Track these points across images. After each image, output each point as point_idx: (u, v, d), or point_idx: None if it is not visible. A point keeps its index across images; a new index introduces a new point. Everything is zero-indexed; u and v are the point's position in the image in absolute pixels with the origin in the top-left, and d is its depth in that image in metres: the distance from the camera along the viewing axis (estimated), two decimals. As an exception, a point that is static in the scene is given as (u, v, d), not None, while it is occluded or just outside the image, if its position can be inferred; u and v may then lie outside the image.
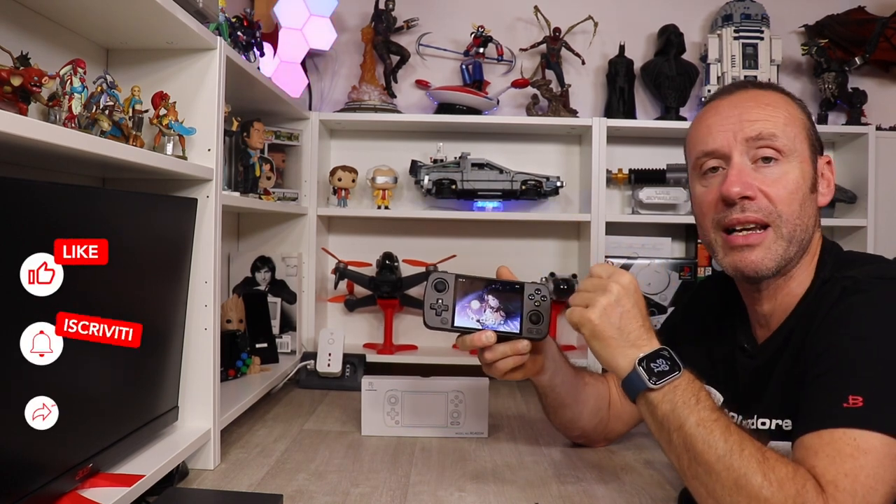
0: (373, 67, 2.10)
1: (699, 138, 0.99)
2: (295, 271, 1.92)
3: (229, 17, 1.36)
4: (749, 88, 0.99)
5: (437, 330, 1.02)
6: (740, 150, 0.93)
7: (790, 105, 0.97)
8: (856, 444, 0.74)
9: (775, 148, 0.93)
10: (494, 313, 1.02)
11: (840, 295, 0.87)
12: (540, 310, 1.02)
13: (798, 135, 0.95)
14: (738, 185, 0.91)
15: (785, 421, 0.92)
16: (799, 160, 0.94)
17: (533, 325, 1.02)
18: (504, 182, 1.98)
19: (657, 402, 0.85)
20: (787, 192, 0.92)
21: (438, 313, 1.02)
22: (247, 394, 1.44)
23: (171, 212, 1.11)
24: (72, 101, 0.86)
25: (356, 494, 1.08)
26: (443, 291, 1.02)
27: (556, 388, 1.16)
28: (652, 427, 0.88)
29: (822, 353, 0.83)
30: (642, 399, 0.87)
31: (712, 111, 0.99)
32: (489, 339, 1.00)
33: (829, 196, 0.98)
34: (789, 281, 0.96)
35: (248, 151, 1.49)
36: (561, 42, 2.10)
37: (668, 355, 0.87)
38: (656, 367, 0.86)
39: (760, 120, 0.93)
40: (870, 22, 2.10)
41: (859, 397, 0.76)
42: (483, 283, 1.03)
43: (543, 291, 1.03)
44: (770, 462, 0.76)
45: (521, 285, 1.03)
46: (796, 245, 0.93)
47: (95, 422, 0.92)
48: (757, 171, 0.93)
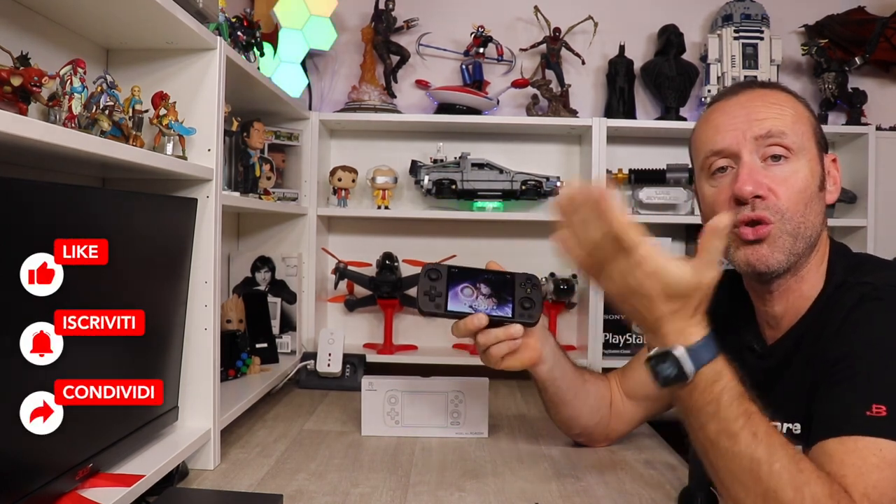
0: (373, 67, 2.10)
1: (707, 138, 0.98)
2: (295, 271, 1.92)
3: (229, 17, 1.36)
4: (755, 88, 0.99)
5: (431, 315, 1.05)
6: (750, 149, 0.93)
7: (797, 104, 0.97)
8: (882, 455, 0.73)
9: (784, 146, 0.92)
10: (487, 300, 1.06)
11: (858, 301, 0.86)
12: (531, 296, 1.06)
13: (806, 132, 0.95)
14: (750, 184, 0.91)
15: (795, 424, 0.91)
16: (808, 158, 0.93)
17: (524, 310, 1.06)
18: (504, 182, 1.98)
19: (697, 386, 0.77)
20: (795, 191, 0.91)
21: (432, 298, 1.05)
22: (247, 394, 1.44)
23: (171, 212, 1.11)
24: (72, 101, 0.86)
25: (356, 494, 1.08)
26: (436, 280, 1.06)
27: (556, 381, 1.17)
28: (684, 412, 0.80)
29: (841, 359, 0.82)
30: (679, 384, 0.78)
31: (719, 111, 0.98)
32: (481, 322, 1.03)
33: (836, 194, 0.98)
34: (801, 283, 0.95)
35: (248, 151, 1.49)
36: (561, 42, 2.10)
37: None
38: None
39: (769, 118, 0.93)
40: (870, 22, 2.10)
41: (882, 406, 0.75)
42: (475, 273, 1.07)
43: (534, 280, 1.08)
44: (805, 474, 0.71)
45: (512, 275, 1.08)
46: (803, 241, 0.92)
47: (95, 422, 0.91)
48: (766, 169, 0.93)
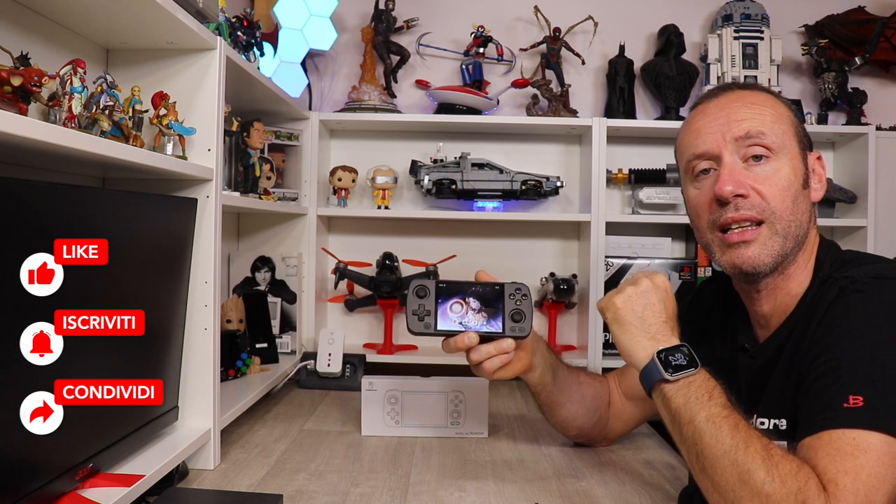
0: (373, 67, 2.10)
1: (689, 142, 1.00)
2: (295, 271, 1.92)
3: (229, 17, 1.36)
4: (734, 90, 1.00)
5: (421, 335, 1.02)
6: (730, 150, 0.94)
7: (776, 104, 0.98)
8: (856, 444, 0.74)
9: (764, 145, 0.94)
10: (476, 315, 1.03)
11: (837, 295, 0.87)
12: (521, 308, 1.04)
13: (786, 132, 0.96)
14: (730, 184, 0.92)
15: (781, 420, 0.92)
16: (789, 157, 0.95)
17: (515, 324, 1.03)
18: (504, 182, 1.98)
19: (671, 395, 0.87)
20: (779, 189, 0.93)
21: (421, 318, 1.02)
22: (247, 394, 1.44)
23: (171, 212, 1.11)
24: (72, 101, 0.86)
25: (356, 494, 1.08)
26: (424, 297, 1.03)
27: (548, 385, 1.17)
28: (665, 419, 0.90)
29: (821, 353, 0.83)
30: (657, 391, 0.90)
31: (700, 114, 1.00)
32: (472, 341, 1.02)
33: (822, 191, 0.99)
34: (788, 281, 0.96)
35: (248, 151, 1.49)
36: (561, 42, 2.10)
37: (686, 351, 0.90)
38: (674, 361, 0.89)
39: (748, 119, 0.95)
40: (870, 22, 2.10)
41: (860, 397, 0.76)
42: (463, 287, 1.04)
43: (524, 290, 1.05)
44: (774, 458, 0.76)
45: (501, 286, 1.05)
46: (792, 240, 0.93)
47: (95, 422, 0.92)
48: (748, 169, 0.94)
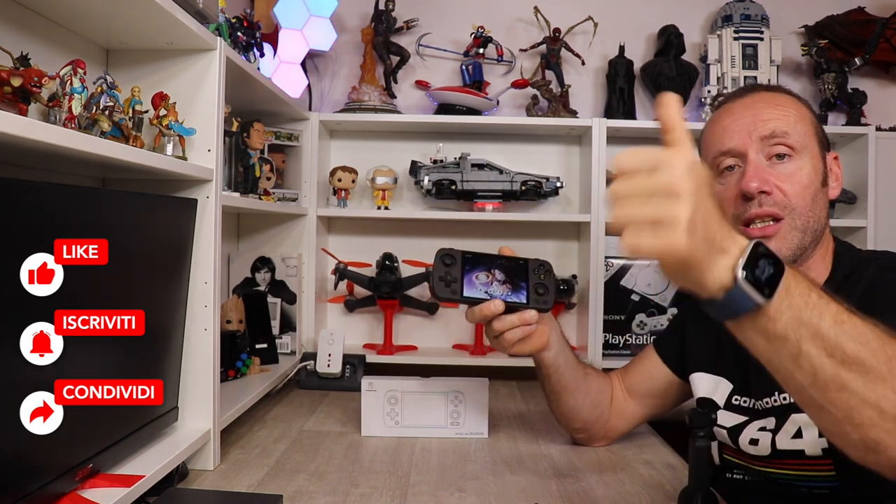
0: (373, 68, 2.09)
1: (715, 139, 1.05)
2: (295, 272, 1.92)
3: (229, 18, 1.36)
4: (760, 91, 1.07)
5: (447, 301, 1.05)
6: (756, 148, 1.00)
7: (799, 105, 1.05)
8: None
9: (788, 145, 1.00)
10: (501, 286, 1.06)
11: (878, 271, 0.91)
12: (545, 282, 1.07)
13: (808, 132, 1.02)
14: (755, 181, 0.98)
15: None
16: (810, 156, 1.01)
17: (539, 297, 1.07)
18: (504, 183, 1.98)
19: (776, 316, 0.63)
20: (801, 187, 0.99)
21: (448, 284, 1.04)
22: (247, 394, 1.44)
23: (171, 212, 1.11)
24: (72, 101, 0.86)
25: (356, 495, 1.08)
26: (451, 265, 1.05)
27: (560, 368, 1.18)
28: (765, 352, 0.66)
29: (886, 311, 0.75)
30: (749, 320, 0.64)
31: (726, 113, 1.05)
32: (498, 308, 1.04)
33: (838, 189, 1.06)
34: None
35: (248, 152, 1.49)
36: (561, 42, 2.10)
37: (764, 250, 0.63)
38: (762, 274, 0.62)
39: (773, 119, 1.01)
40: (870, 22, 2.10)
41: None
42: (489, 259, 1.08)
43: (547, 266, 1.09)
44: None
45: (525, 261, 1.09)
46: (810, 235, 0.99)
47: (95, 422, 0.92)
48: (772, 167, 1.00)
